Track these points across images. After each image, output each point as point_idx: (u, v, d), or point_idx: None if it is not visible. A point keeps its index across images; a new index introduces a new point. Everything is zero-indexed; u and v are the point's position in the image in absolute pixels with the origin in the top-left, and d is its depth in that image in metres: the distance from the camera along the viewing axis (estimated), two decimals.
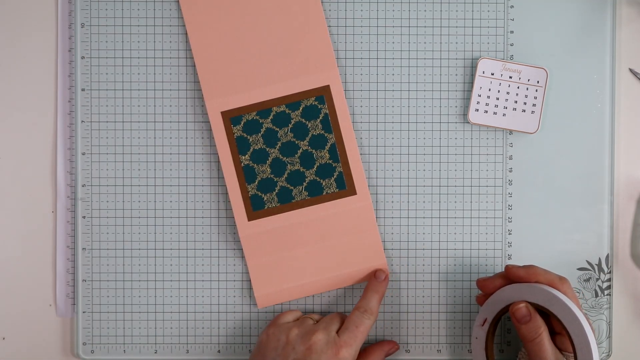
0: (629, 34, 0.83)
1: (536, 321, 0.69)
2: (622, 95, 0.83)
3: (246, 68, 0.81)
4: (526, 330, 0.70)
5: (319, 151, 0.81)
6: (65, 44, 0.83)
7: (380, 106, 0.82)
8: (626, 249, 0.83)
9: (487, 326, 0.75)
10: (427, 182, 0.82)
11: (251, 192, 0.81)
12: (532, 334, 0.69)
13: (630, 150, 0.83)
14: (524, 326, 0.70)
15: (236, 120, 0.81)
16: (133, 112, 0.82)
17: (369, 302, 0.77)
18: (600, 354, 0.83)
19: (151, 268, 0.83)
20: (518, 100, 0.81)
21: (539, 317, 0.70)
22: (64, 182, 0.83)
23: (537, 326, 0.69)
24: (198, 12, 0.81)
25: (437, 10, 0.82)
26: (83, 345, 0.83)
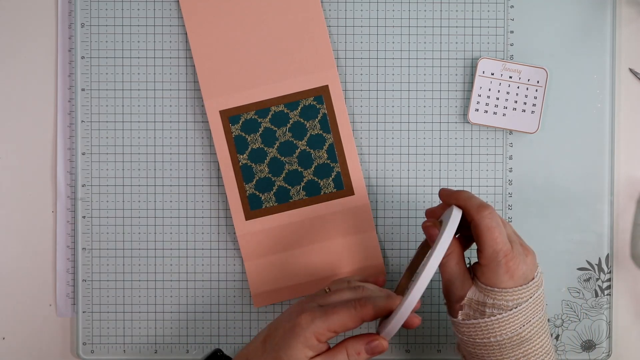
0: (629, 34, 0.83)
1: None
2: (622, 95, 0.83)
3: (245, 67, 0.81)
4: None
5: (317, 151, 0.81)
6: (65, 44, 0.83)
7: (379, 106, 0.82)
8: (626, 249, 0.83)
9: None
10: (427, 182, 0.82)
11: (249, 191, 0.81)
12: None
13: (630, 150, 0.83)
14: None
15: (234, 119, 0.81)
16: (133, 112, 0.82)
17: (369, 297, 0.67)
18: (600, 354, 0.83)
19: (151, 268, 0.83)
20: (518, 100, 0.81)
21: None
22: (64, 182, 0.83)
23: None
24: (198, 12, 0.81)
25: (437, 10, 0.82)
26: (83, 345, 0.83)
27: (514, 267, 0.65)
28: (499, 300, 0.65)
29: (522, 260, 0.66)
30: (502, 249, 0.64)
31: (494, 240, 0.64)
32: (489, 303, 0.65)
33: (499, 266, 0.64)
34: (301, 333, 0.64)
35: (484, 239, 0.65)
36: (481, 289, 0.66)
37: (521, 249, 0.66)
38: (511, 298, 0.65)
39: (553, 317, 0.83)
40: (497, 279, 0.65)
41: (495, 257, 0.64)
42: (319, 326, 0.64)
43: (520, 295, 0.65)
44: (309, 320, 0.64)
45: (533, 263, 0.67)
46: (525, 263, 0.66)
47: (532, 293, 0.66)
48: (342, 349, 0.66)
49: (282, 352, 0.64)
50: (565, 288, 0.83)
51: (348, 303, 0.65)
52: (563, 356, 0.83)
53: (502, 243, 0.64)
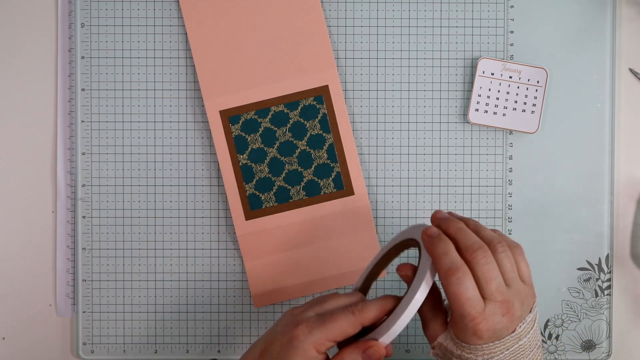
0: (629, 34, 0.83)
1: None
2: (622, 95, 0.83)
3: (245, 67, 0.81)
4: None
5: (317, 151, 0.81)
6: (65, 44, 0.83)
7: (379, 106, 0.82)
8: (626, 249, 0.83)
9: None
10: (427, 182, 0.82)
11: (249, 191, 0.81)
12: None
13: (630, 150, 0.83)
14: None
15: (234, 119, 0.81)
16: (133, 112, 0.82)
17: (366, 302, 0.65)
18: (600, 354, 0.83)
19: (151, 268, 0.83)
20: (518, 100, 0.81)
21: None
22: (64, 182, 0.83)
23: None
24: (198, 12, 0.81)
25: (437, 10, 0.82)
26: (83, 345, 0.83)
27: (482, 330, 0.62)
28: (467, 353, 0.63)
29: (496, 321, 0.62)
30: (470, 314, 0.61)
31: (461, 307, 0.61)
32: (456, 354, 0.64)
33: (465, 328, 0.62)
34: (299, 346, 0.62)
35: (451, 300, 0.62)
36: (452, 338, 0.65)
37: (498, 308, 0.62)
38: (480, 353, 0.63)
39: (553, 317, 0.83)
40: (465, 337, 0.63)
41: (462, 319, 0.62)
42: (317, 337, 0.62)
43: (491, 350, 0.63)
44: (307, 331, 0.62)
45: (514, 319, 0.63)
46: (500, 323, 0.62)
47: (508, 346, 0.63)
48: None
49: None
50: (565, 288, 0.83)
51: (345, 309, 0.64)
52: (563, 356, 0.83)
53: (469, 308, 0.61)
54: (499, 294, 0.62)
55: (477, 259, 0.62)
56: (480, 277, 0.62)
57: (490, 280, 0.62)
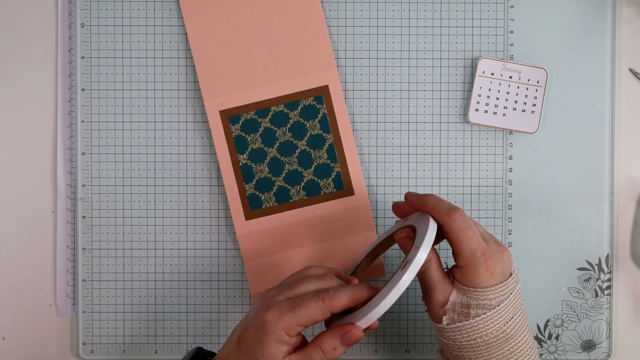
0: (629, 34, 0.83)
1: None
2: (622, 95, 0.83)
3: (245, 67, 0.81)
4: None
5: (317, 151, 0.81)
6: (65, 44, 0.83)
7: (379, 106, 0.82)
8: (626, 249, 0.83)
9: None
10: (427, 182, 0.82)
11: (249, 191, 0.81)
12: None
13: (630, 150, 0.83)
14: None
15: (234, 119, 0.81)
16: (133, 112, 0.82)
17: (338, 289, 0.65)
18: (600, 354, 0.83)
19: (151, 268, 0.83)
20: (518, 100, 0.81)
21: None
22: (64, 182, 0.83)
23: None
24: (198, 12, 0.81)
25: (437, 10, 0.82)
26: (83, 345, 0.83)
27: (492, 265, 0.65)
28: (482, 299, 0.65)
29: (499, 257, 0.66)
30: (479, 248, 0.64)
31: (469, 241, 0.64)
32: (473, 304, 0.65)
33: (478, 265, 0.64)
34: (271, 330, 0.62)
35: (459, 240, 0.64)
36: (463, 291, 0.66)
37: (496, 247, 0.66)
38: (494, 296, 0.65)
39: (553, 317, 0.83)
40: (478, 278, 0.65)
41: (474, 256, 0.64)
42: (286, 322, 0.62)
43: (501, 292, 0.65)
44: (276, 316, 0.63)
45: (509, 259, 0.67)
46: (502, 260, 0.66)
47: (512, 289, 0.66)
48: (317, 346, 0.64)
49: (256, 352, 0.63)
50: (565, 288, 0.83)
51: (315, 295, 0.63)
52: (563, 356, 0.83)
53: (477, 242, 0.64)
54: (489, 236, 0.68)
55: (462, 212, 0.66)
56: (470, 226, 0.65)
57: (478, 226, 0.67)
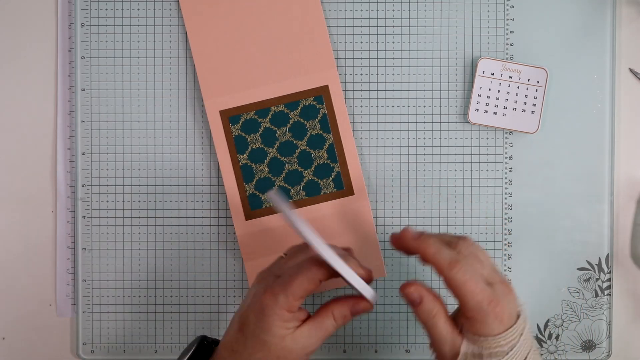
0: (629, 34, 0.83)
1: (428, 304, 0.64)
2: (622, 95, 0.83)
3: (245, 67, 0.81)
4: (419, 313, 0.65)
5: (317, 151, 0.81)
6: (65, 44, 0.83)
7: (379, 106, 0.82)
8: (626, 249, 0.83)
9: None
10: (427, 182, 0.82)
11: (249, 191, 0.81)
12: (425, 316, 0.65)
13: (630, 150, 0.83)
14: (416, 309, 0.65)
15: (234, 119, 0.81)
16: (133, 112, 0.82)
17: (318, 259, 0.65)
18: (600, 354, 0.83)
19: (151, 268, 0.83)
20: (518, 100, 0.81)
21: (432, 299, 0.64)
22: (64, 182, 0.83)
23: (429, 309, 0.64)
24: (198, 12, 0.81)
25: (437, 10, 0.82)
26: (83, 345, 0.83)
27: (501, 312, 0.62)
28: (494, 348, 0.62)
29: (506, 301, 0.63)
30: (485, 298, 0.62)
31: (473, 293, 0.62)
32: (485, 353, 0.63)
33: (487, 315, 0.62)
34: (271, 312, 0.63)
35: (462, 294, 0.62)
36: (474, 341, 0.63)
37: (502, 288, 0.64)
38: (505, 342, 0.63)
39: (553, 317, 0.83)
40: (488, 327, 0.62)
41: (481, 307, 0.62)
42: (283, 301, 0.63)
43: (512, 336, 0.63)
44: (272, 298, 0.63)
45: (515, 298, 0.65)
46: (509, 302, 0.63)
47: (522, 330, 0.64)
48: (329, 314, 0.66)
49: (263, 336, 0.64)
50: (565, 288, 0.83)
51: (301, 267, 0.64)
52: (563, 356, 0.83)
53: (481, 292, 0.62)
54: (497, 275, 0.64)
55: (462, 264, 0.63)
56: (478, 261, 0.64)
57: (483, 264, 0.65)
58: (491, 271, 0.65)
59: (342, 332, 0.83)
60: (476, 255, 0.65)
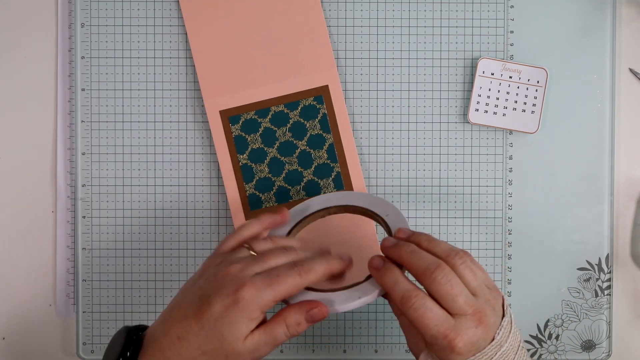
0: (629, 34, 0.83)
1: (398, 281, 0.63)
2: (622, 95, 0.83)
3: (245, 67, 0.81)
4: (391, 306, 0.65)
5: (317, 151, 0.81)
6: (65, 44, 0.83)
7: (380, 106, 0.82)
8: (626, 249, 0.83)
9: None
10: (427, 182, 0.82)
11: (249, 191, 0.81)
12: (394, 311, 0.65)
13: (630, 150, 0.83)
14: (390, 302, 0.65)
15: (234, 119, 0.81)
16: (133, 112, 0.82)
17: (312, 261, 0.64)
18: (600, 354, 0.83)
19: (151, 268, 0.83)
20: (518, 100, 0.81)
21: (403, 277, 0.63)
22: (64, 182, 0.83)
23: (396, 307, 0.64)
24: (198, 12, 0.81)
25: (437, 10, 0.82)
26: (83, 345, 0.83)
27: (459, 345, 0.60)
28: None
29: (470, 334, 0.61)
30: (440, 332, 0.60)
31: (428, 329, 0.60)
32: None
33: (441, 347, 0.61)
34: (246, 307, 0.60)
35: (418, 327, 0.61)
36: (432, 357, 0.63)
37: (470, 321, 0.61)
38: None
39: (553, 317, 0.83)
40: (445, 355, 0.61)
41: (435, 340, 0.61)
42: (264, 299, 0.61)
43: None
44: (254, 293, 0.60)
45: (491, 324, 0.62)
46: (475, 335, 0.61)
47: (491, 356, 0.61)
48: (281, 321, 0.63)
49: (224, 329, 0.60)
50: (565, 288, 0.83)
51: (291, 269, 0.62)
52: (563, 356, 0.83)
53: (435, 328, 0.60)
54: (469, 307, 0.61)
55: (438, 279, 0.61)
56: (446, 295, 0.61)
57: (457, 296, 0.61)
58: (467, 300, 0.61)
59: (342, 332, 0.83)
60: (452, 284, 0.61)
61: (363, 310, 0.83)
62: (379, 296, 0.65)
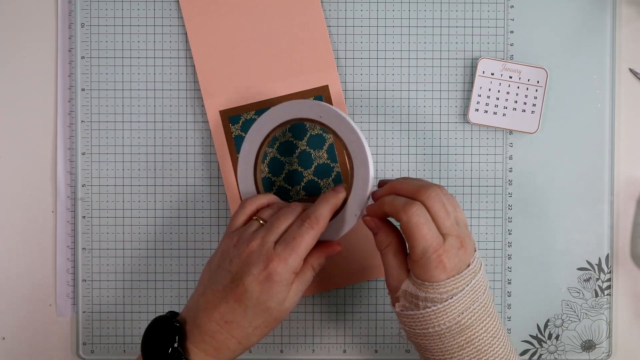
0: (629, 34, 0.83)
1: (381, 235, 0.69)
2: (622, 95, 0.83)
3: (245, 67, 0.81)
4: (376, 240, 0.70)
5: (317, 151, 0.81)
6: (65, 44, 0.83)
7: (380, 106, 0.82)
8: (626, 249, 0.83)
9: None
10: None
11: None
12: (379, 245, 0.70)
13: (630, 150, 0.83)
14: (375, 237, 0.70)
15: (234, 119, 0.81)
16: (133, 112, 0.82)
17: (316, 210, 0.70)
18: (600, 354, 0.83)
19: (151, 268, 0.83)
20: (518, 100, 0.81)
21: (387, 232, 0.69)
22: (64, 182, 0.83)
23: (381, 240, 0.69)
24: (198, 12, 0.81)
25: (437, 10, 0.82)
26: (83, 345, 0.83)
27: (445, 261, 0.64)
28: (432, 293, 0.64)
29: (454, 254, 0.65)
30: (432, 245, 0.64)
31: (423, 237, 0.64)
32: (422, 296, 0.65)
33: (429, 261, 0.64)
34: (281, 278, 0.66)
35: (413, 236, 0.64)
36: (414, 282, 0.66)
37: (456, 241, 0.65)
38: (444, 290, 0.64)
39: (553, 317, 0.83)
40: (428, 273, 0.64)
41: (425, 253, 0.64)
42: (293, 265, 0.67)
43: (453, 286, 0.65)
44: (283, 264, 0.66)
45: (469, 252, 0.66)
46: (457, 256, 0.65)
47: (467, 281, 0.65)
48: (308, 266, 0.70)
49: (268, 302, 0.66)
50: (565, 288, 0.83)
51: (302, 226, 0.68)
52: (563, 356, 0.83)
53: (431, 239, 0.64)
54: (454, 229, 0.66)
55: (431, 196, 0.65)
56: (437, 212, 0.65)
57: (447, 215, 0.66)
58: (453, 224, 0.66)
59: (342, 332, 0.83)
60: (443, 204, 0.66)
61: (363, 311, 0.83)
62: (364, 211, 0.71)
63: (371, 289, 0.83)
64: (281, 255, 0.66)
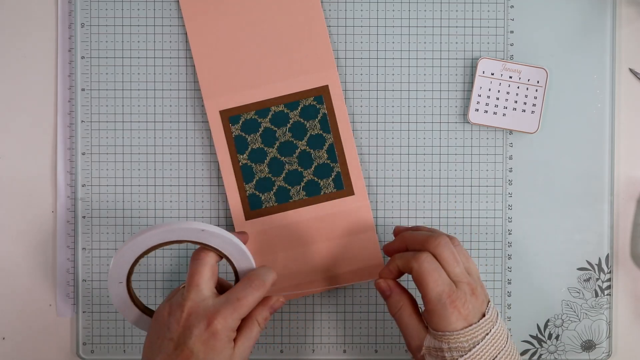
0: (629, 34, 0.83)
1: (395, 296, 0.71)
2: (622, 95, 0.83)
3: (245, 67, 0.81)
4: (388, 306, 0.71)
5: (317, 151, 0.81)
6: (65, 44, 0.83)
7: (380, 106, 0.82)
8: (626, 249, 0.83)
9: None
10: (427, 182, 0.82)
11: (249, 191, 0.81)
12: (392, 308, 0.71)
13: (630, 150, 0.83)
14: (387, 300, 0.71)
15: (234, 119, 0.81)
16: (133, 112, 0.82)
17: (263, 274, 0.71)
18: (600, 354, 0.83)
19: (151, 268, 0.83)
20: (518, 100, 0.81)
21: (399, 292, 0.71)
22: (64, 182, 0.83)
23: (395, 302, 0.70)
24: (198, 12, 0.81)
25: (437, 10, 0.82)
26: (83, 345, 0.83)
27: (459, 306, 0.66)
28: (454, 343, 0.65)
29: (467, 300, 0.66)
30: (445, 290, 0.66)
31: (435, 282, 0.66)
32: (446, 348, 0.66)
33: (444, 307, 0.65)
34: (223, 335, 0.67)
35: (425, 283, 0.66)
36: (435, 336, 0.67)
37: (467, 288, 0.67)
38: (464, 339, 0.65)
39: (553, 317, 0.83)
40: (445, 320, 0.66)
41: (439, 299, 0.65)
42: (234, 322, 0.68)
43: (472, 335, 0.66)
44: (223, 322, 0.67)
45: (481, 300, 0.68)
46: (470, 302, 0.66)
47: (486, 330, 0.66)
48: (253, 321, 0.70)
49: (213, 358, 0.66)
50: (565, 288, 0.83)
51: (248, 287, 0.69)
52: (563, 356, 0.83)
53: (442, 284, 0.66)
54: (464, 276, 0.68)
55: (440, 244, 0.68)
56: (446, 259, 0.67)
57: (456, 262, 0.68)
58: (463, 271, 0.68)
59: (342, 332, 0.83)
60: (452, 252, 0.68)
61: (363, 311, 0.83)
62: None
63: (371, 289, 0.83)
64: (222, 314, 0.67)
